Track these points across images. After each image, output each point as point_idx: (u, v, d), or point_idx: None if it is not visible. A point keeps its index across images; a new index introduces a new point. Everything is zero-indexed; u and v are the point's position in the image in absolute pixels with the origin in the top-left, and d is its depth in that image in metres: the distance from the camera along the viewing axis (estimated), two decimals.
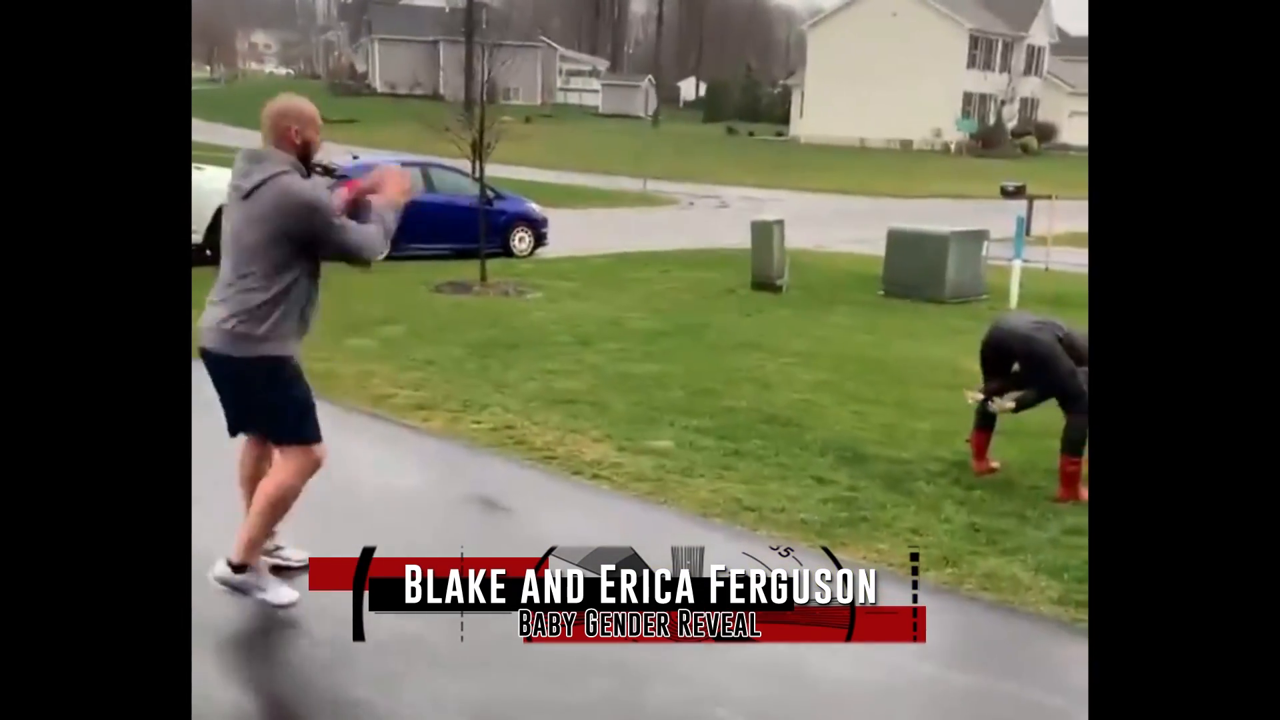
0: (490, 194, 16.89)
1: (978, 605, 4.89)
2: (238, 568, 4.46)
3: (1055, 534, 5.60)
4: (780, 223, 14.95)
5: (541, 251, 19.26)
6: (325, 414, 7.54)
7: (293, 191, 4.32)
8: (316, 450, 4.55)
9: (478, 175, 15.42)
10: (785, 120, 68.50)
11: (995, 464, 6.68)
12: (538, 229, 19.34)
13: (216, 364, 4.40)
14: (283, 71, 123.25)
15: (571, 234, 20.84)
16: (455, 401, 7.95)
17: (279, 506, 4.49)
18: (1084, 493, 6.04)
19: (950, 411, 7.88)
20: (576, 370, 9.18)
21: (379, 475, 6.46)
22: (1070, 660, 4.42)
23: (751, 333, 11.46)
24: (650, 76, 79.01)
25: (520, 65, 75.51)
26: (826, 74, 59.72)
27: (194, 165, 15.58)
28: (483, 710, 3.92)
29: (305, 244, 4.32)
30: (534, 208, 19.63)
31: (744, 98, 77.59)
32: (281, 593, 4.52)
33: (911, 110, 56.04)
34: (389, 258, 17.17)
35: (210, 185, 15.61)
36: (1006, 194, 20.33)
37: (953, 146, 56.10)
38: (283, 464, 4.52)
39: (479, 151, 14.87)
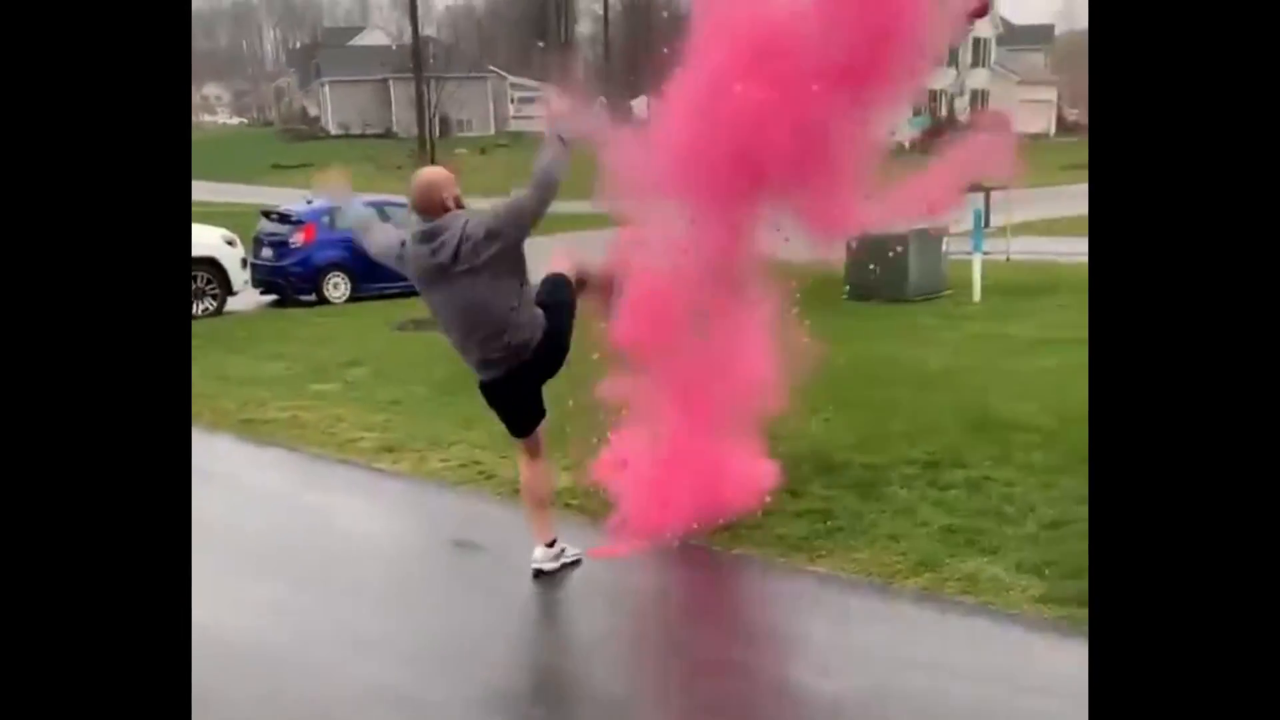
0: None
1: (960, 608, 4.82)
2: (550, 544, 5.40)
3: (1033, 530, 5.54)
4: None
5: None
6: (294, 464, 7.53)
7: (481, 219, 5.04)
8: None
9: None
10: None
11: None
12: None
13: (503, 385, 5.24)
14: (235, 121, 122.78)
15: (534, 260, 20.73)
16: (422, 440, 7.85)
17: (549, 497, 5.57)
18: None
19: (920, 410, 7.85)
20: (549, 397, 9.06)
21: (351, 522, 6.36)
22: (1060, 660, 4.36)
23: None
24: (601, 98, 79.10)
25: (470, 97, 75.69)
26: None
27: None
28: None
29: (520, 241, 5.14)
30: None
31: None
32: (573, 550, 5.51)
33: None
34: (351, 299, 17.13)
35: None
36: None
37: (906, 144, 56.22)
38: (537, 464, 5.49)
39: None
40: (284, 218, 17.72)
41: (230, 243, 16.28)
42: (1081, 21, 76.58)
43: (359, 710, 4.14)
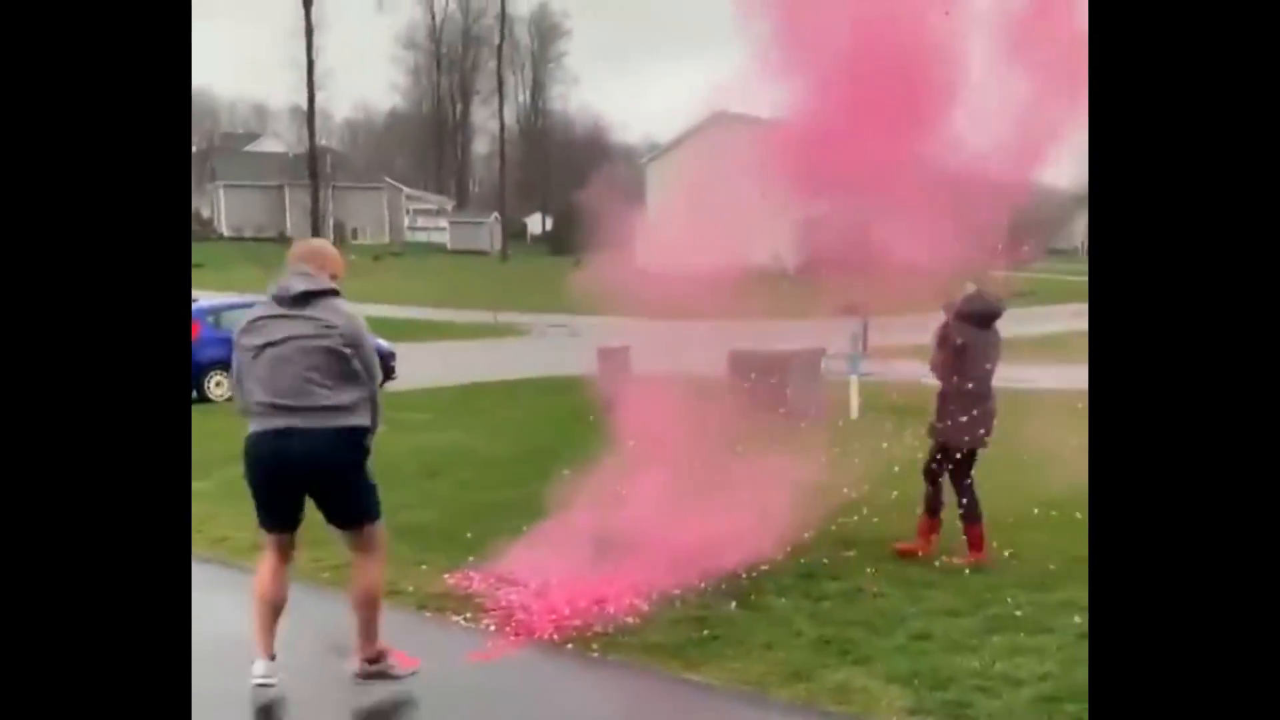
0: None
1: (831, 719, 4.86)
2: (372, 660, 5.25)
3: (903, 641, 5.64)
4: (626, 348, 15.06)
5: (391, 385, 19.06)
6: None
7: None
8: (382, 531, 5.29)
9: None
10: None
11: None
12: (385, 363, 19.20)
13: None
14: None
15: (423, 367, 20.71)
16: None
17: (377, 601, 5.26)
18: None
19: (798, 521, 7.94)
20: (424, 502, 9.01)
21: (215, 623, 6.18)
22: None
23: (602, 453, 11.39)
24: (495, 213, 79.78)
25: (365, 205, 75.80)
26: (666, 205, 60.75)
27: None
28: None
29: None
30: (380, 343, 19.47)
31: (590, 231, 78.21)
32: (401, 665, 5.32)
33: (750, 235, 57.24)
34: (231, 398, 16.87)
35: None
36: (844, 309, 21.02)
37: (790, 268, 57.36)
38: (365, 561, 5.22)
39: None
40: None
41: None
42: None
43: None
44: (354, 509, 5.11)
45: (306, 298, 4.98)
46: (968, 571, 6.77)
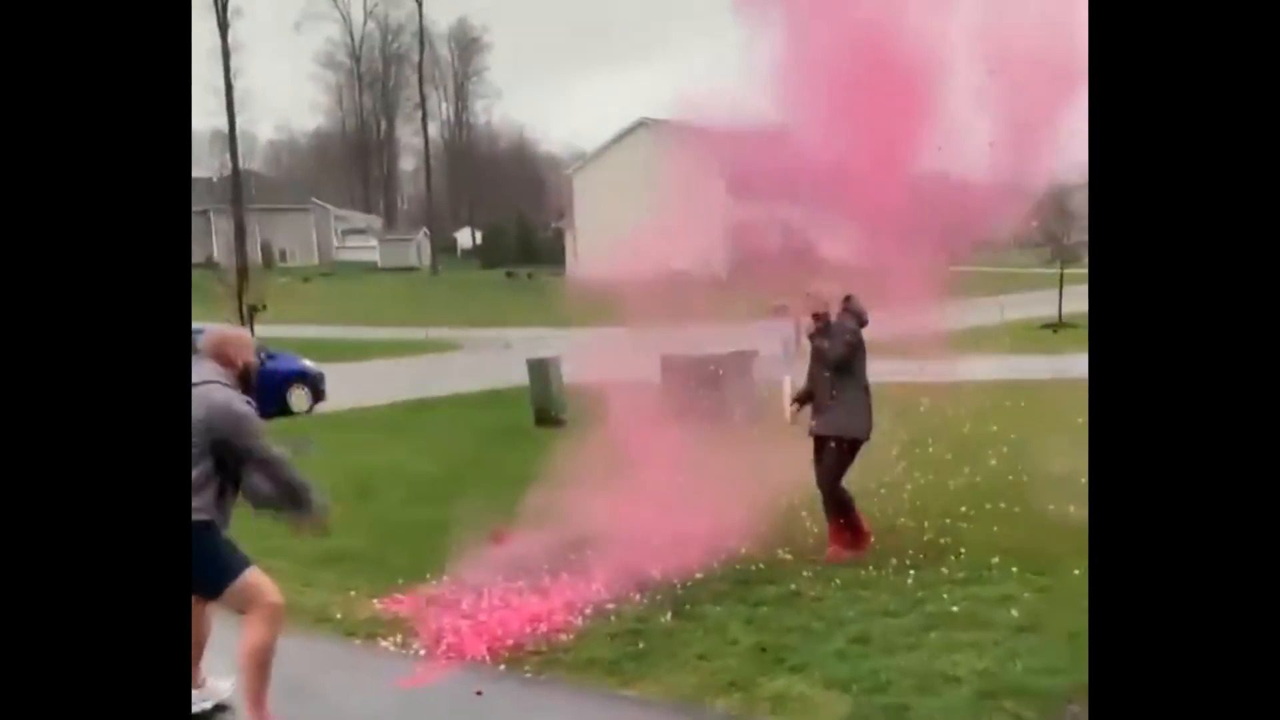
0: (261, 354, 16.42)
1: None
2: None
3: (841, 645, 5.54)
4: (556, 359, 14.96)
5: (322, 406, 18.80)
6: None
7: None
8: (256, 586, 4.81)
9: None
10: (562, 261, 69.19)
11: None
12: (315, 385, 18.95)
13: None
14: None
15: (355, 386, 20.43)
16: None
17: (260, 663, 4.74)
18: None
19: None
20: (354, 525, 8.80)
21: None
22: None
23: (535, 467, 11.25)
24: (425, 229, 79.24)
25: (293, 227, 74.98)
26: (595, 214, 60.74)
27: None
28: None
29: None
30: (308, 364, 19.25)
31: (519, 243, 78.26)
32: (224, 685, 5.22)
33: (679, 241, 57.25)
34: None
35: None
36: (775, 312, 21.18)
37: (723, 274, 57.48)
38: (248, 621, 4.77)
39: (243, 314, 14.52)
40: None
41: None
42: None
43: None
44: (200, 582, 4.68)
45: None
46: (912, 574, 6.68)
